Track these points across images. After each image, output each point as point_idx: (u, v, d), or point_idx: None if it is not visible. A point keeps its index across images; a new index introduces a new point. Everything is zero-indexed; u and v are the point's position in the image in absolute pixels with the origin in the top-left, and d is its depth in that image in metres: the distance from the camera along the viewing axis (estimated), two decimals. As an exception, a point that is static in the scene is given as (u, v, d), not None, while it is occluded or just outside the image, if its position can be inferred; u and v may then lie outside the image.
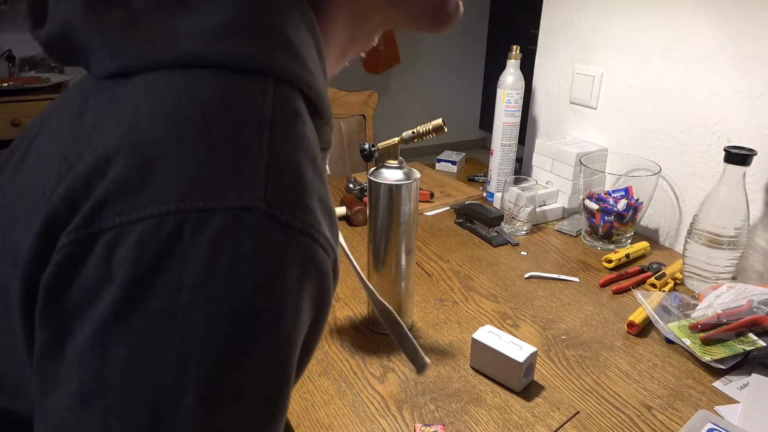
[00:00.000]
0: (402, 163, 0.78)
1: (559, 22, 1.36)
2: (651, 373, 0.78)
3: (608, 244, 1.13)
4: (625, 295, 0.97)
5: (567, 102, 1.37)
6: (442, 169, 1.58)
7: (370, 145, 0.80)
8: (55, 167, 0.32)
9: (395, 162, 0.78)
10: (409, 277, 0.84)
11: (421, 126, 0.76)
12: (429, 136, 0.76)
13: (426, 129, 0.76)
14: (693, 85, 1.08)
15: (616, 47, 1.23)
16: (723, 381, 0.77)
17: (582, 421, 0.69)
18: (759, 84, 0.97)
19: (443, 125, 0.75)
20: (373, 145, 0.80)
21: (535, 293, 0.98)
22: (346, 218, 1.24)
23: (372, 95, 1.75)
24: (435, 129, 0.75)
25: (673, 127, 1.13)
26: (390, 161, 0.78)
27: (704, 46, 1.05)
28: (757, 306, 0.83)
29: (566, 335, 0.86)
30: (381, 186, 0.76)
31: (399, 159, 0.78)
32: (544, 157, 1.31)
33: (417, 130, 0.76)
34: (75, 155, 0.31)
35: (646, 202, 1.11)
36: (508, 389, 0.74)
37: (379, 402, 0.72)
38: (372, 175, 0.78)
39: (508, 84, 1.29)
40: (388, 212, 0.77)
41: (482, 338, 0.76)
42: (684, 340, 0.82)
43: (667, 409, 0.72)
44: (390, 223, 0.78)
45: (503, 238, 1.15)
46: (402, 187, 0.76)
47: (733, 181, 0.92)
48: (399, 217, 0.77)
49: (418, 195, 0.79)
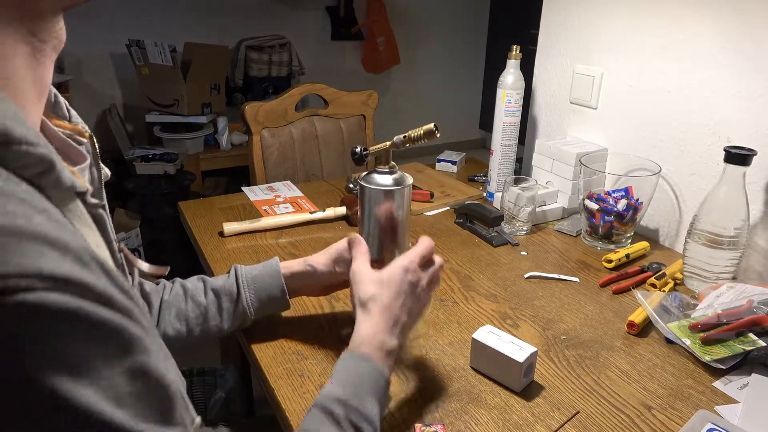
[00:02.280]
0: (393, 168, 0.76)
1: (559, 22, 1.36)
2: (651, 373, 0.78)
3: (608, 244, 1.13)
4: (625, 295, 0.97)
5: (567, 102, 1.37)
6: (442, 169, 1.58)
7: (361, 149, 0.77)
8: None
9: (386, 167, 0.75)
10: None
11: (413, 131, 0.74)
12: (421, 141, 0.74)
13: (417, 134, 0.73)
14: (693, 85, 1.08)
15: (616, 47, 1.23)
16: (723, 381, 0.77)
17: (582, 421, 0.69)
18: (759, 84, 0.97)
19: (435, 130, 0.72)
20: (364, 149, 0.78)
21: (535, 293, 0.98)
22: (346, 218, 1.24)
23: (372, 95, 1.74)
24: (426, 134, 0.73)
25: (673, 127, 1.13)
26: (381, 166, 0.75)
27: (704, 46, 1.05)
28: (757, 306, 0.83)
29: (566, 335, 0.86)
30: (371, 191, 0.75)
31: (391, 164, 0.76)
32: (544, 157, 1.31)
33: (409, 135, 0.74)
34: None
35: (646, 202, 1.11)
36: (508, 389, 0.74)
37: (379, 402, 0.72)
38: (363, 179, 0.76)
39: (508, 84, 1.29)
40: (378, 218, 0.75)
41: (482, 338, 0.76)
42: (684, 340, 0.82)
43: (667, 409, 0.72)
44: (380, 229, 0.76)
45: (503, 238, 1.15)
46: (393, 193, 0.74)
47: (733, 181, 0.92)
48: (390, 223, 0.75)
49: (410, 200, 0.77)
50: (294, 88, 1.62)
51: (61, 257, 0.28)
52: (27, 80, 0.35)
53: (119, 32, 2.81)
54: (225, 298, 0.77)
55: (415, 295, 0.68)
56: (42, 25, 0.35)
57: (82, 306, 0.28)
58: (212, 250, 1.09)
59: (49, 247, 0.28)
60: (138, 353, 0.32)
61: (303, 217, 1.21)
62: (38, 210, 0.30)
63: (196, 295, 0.77)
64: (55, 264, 0.28)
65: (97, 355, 0.29)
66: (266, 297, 0.78)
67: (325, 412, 0.55)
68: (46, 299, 0.27)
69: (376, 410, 0.58)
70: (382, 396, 0.60)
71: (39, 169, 0.32)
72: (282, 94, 1.60)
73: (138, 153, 2.53)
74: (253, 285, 0.78)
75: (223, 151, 2.84)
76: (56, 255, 0.28)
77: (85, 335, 0.29)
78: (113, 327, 0.30)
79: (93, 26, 2.81)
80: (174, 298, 0.76)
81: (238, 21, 3.22)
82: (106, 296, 0.30)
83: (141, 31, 2.81)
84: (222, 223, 1.15)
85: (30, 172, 0.32)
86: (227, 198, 1.36)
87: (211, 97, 2.78)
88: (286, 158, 1.63)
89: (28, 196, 0.30)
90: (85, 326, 0.29)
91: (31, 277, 0.26)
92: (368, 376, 0.60)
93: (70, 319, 0.28)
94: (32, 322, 0.27)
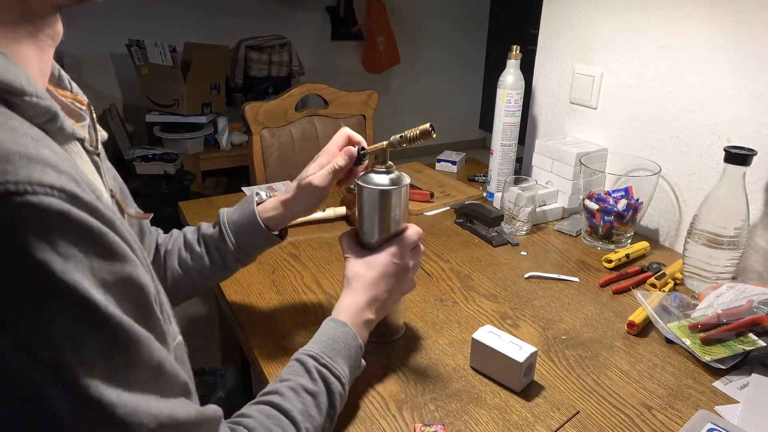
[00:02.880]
0: (391, 168, 0.75)
1: (559, 22, 1.36)
2: (651, 373, 0.78)
3: (608, 244, 1.13)
4: (625, 295, 0.97)
5: (567, 102, 1.37)
6: (442, 169, 1.58)
7: (359, 148, 0.77)
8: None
9: (383, 167, 0.75)
10: None
11: (410, 130, 0.73)
12: (417, 141, 0.73)
13: (414, 134, 0.72)
14: (693, 85, 1.08)
15: (616, 47, 1.23)
16: (723, 381, 0.77)
17: (582, 421, 0.69)
18: (759, 84, 0.97)
19: (431, 130, 0.71)
20: (362, 148, 0.77)
21: (535, 293, 0.98)
22: (346, 218, 1.24)
23: (372, 95, 1.74)
24: (422, 134, 0.72)
25: (673, 127, 1.13)
26: (378, 166, 0.75)
27: (704, 46, 1.05)
28: (757, 306, 0.83)
29: (566, 335, 0.86)
30: (368, 191, 0.74)
31: (388, 163, 0.75)
32: (544, 157, 1.31)
33: (405, 135, 0.73)
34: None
35: (646, 202, 1.11)
36: (508, 389, 0.74)
37: (379, 402, 0.72)
38: (360, 179, 0.75)
39: (508, 84, 1.29)
40: (374, 218, 0.75)
41: (482, 338, 0.76)
42: (684, 340, 0.82)
43: (667, 409, 0.72)
44: (376, 229, 0.75)
45: (503, 238, 1.15)
46: (390, 193, 0.73)
47: (733, 181, 0.92)
48: (386, 223, 0.75)
49: (407, 200, 0.77)
50: (294, 88, 1.62)
51: (59, 175, 0.36)
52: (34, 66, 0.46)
53: (119, 32, 2.81)
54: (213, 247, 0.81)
55: (399, 279, 0.74)
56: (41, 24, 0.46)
57: (72, 210, 0.36)
58: (212, 250, 1.09)
59: (50, 168, 0.36)
60: (118, 257, 0.40)
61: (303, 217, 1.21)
62: (45, 146, 0.38)
63: (193, 245, 0.81)
64: (53, 178, 0.36)
65: (83, 249, 0.37)
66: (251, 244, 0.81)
67: (299, 363, 0.63)
68: (44, 200, 0.35)
69: (346, 370, 0.65)
70: (354, 359, 0.67)
71: (46, 117, 0.41)
72: (282, 94, 1.60)
73: (138, 153, 2.53)
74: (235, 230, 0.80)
75: (223, 151, 2.84)
76: (55, 173, 0.36)
77: (73, 231, 0.36)
78: (98, 230, 0.38)
79: (93, 26, 2.81)
80: (174, 246, 0.83)
81: (238, 21, 3.22)
82: (92, 207, 0.38)
83: (141, 31, 2.81)
84: (222, 223, 1.15)
85: (39, 120, 0.41)
86: (227, 198, 1.36)
87: (211, 97, 2.78)
88: (286, 158, 1.63)
89: (38, 136, 0.39)
90: (74, 225, 0.36)
91: (34, 184, 0.35)
92: (342, 339, 0.67)
93: (63, 218, 0.36)
94: (33, 217, 0.34)
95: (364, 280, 0.72)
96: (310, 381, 0.61)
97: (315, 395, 0.60)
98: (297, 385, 0.60)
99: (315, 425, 0.58)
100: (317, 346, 0.65)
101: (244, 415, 0.56)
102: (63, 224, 0.36)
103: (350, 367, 0.66)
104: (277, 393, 0.59)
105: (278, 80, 3.16)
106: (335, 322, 0.69)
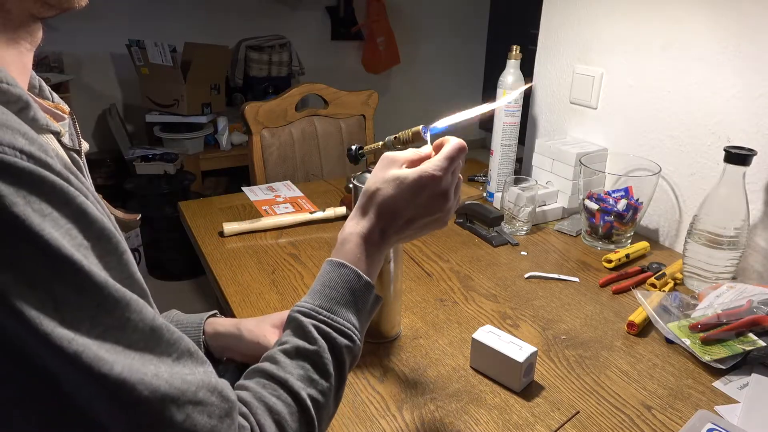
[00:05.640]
0: None
1: (559, 22, 1.36)
2: (651, 373, 0.78)
3: (608, 244, 1.13)
4: (625, 295, 0.97)
5: (567, 102, 1.37)
6: (442, 169, 1.58)
7: (356, 148, 0.76)
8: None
9: None
10: (396, 284, 0.81)
11: (402, 132, 0.72)
12: (410, 143, 0.71)
13: (406, 136, 0.71)
14: (693, 85, 1.08)
15: (616, 47, 1.23)
16: (723, 381, 0.77)
17: (582, 421, 0.69)
18: (759, 84, 0.97)
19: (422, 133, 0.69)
20: (359, 148, 0.77)
21: (535, 293, 0.98)
22: (345, 218, 1.23)
23: (372, 95, 1.75)
24: (415, 136, 0.70)
25: (673, 127, 1.13)
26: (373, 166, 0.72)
27: (704, 46, 1.05)
28: (757, 306, 0.83)
29: (566, 335, 0.86)
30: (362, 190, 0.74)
31: None
32: (544, 157, 1.31)
33: (398, 136, 0.72)
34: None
35: (646, 202, 1.11)
36: (508, 389, 0.74)
37: (379, 402, 0.72)
38: (355, 179, 0.75)
39: (508, 84, 1.29)
40: None
41: (482, 338, 0.76)
42: (684, 340, 0.82)
43: (667, 409, 0.72)
44: None
45: (503, 238, 1.15)
46: None
47: (733, 181, 0.92)
48: None
49: None
50: (294, 88, 1.62)
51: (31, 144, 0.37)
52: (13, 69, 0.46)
53: (119, 32, 2.81)
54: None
55: (430, 209, 0.61)
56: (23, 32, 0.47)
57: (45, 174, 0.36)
58: (212, 250, 1.09)
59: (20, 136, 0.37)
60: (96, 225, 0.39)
61: (303, 217, 1.21)
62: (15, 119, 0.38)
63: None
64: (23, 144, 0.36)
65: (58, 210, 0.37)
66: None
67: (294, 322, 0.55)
68: (18, 162, 0.35)
69: (352, 318, 0.56)
70: (361, 302, 0.57)
71: (19, 105, 0.41)
72: (282, 94, 1.60)
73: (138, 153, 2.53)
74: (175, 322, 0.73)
75: (223, 151, 2.84)
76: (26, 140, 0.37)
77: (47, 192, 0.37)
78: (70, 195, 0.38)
79: (93, 26, 2.81)
80: None
81: (238, 21, 3.22)
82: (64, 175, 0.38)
83: (141, 31, 2.81)
84: (222, 223, 1.15)
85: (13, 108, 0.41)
86: (227, 198, 1.36)
87: (211, 97, 2.78)
88: (286, 158, 1.63)
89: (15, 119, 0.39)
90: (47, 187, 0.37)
91: (5, 146, 0.35)
92: (342, 284, 0.57)
93: (37, 178, 0.36)
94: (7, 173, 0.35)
95: (385, 200, 0.60)
96: (307, 342, 0.53)
97: (315, 356, 0.53)
98: (292, 348, 0.53)
99: (321, 388, 0.52)
100: (312, 298, 0.57)
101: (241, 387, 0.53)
102: (36, 184, 0.36)
103: (358, 311, 0.57)
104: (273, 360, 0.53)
105: (278, 80, 3.16)
106: (333, 264, 0.59)
